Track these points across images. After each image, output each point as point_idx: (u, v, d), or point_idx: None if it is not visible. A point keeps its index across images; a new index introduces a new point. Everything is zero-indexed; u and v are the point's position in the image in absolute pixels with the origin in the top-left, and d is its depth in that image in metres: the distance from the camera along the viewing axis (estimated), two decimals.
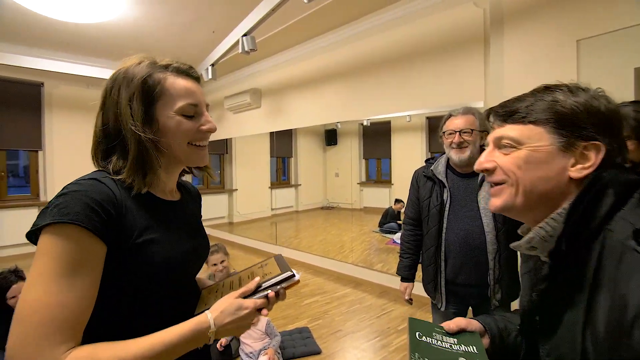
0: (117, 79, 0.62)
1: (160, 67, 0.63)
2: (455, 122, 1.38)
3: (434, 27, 2.71)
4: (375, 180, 5.91)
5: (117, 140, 0.60)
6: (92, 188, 0.54)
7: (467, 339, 0.63)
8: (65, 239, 0.49)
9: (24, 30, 3.46)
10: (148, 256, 0.57)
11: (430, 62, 2.75)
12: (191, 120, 0.63)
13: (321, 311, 2.79)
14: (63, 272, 0.48)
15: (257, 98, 4.56)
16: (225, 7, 3.03)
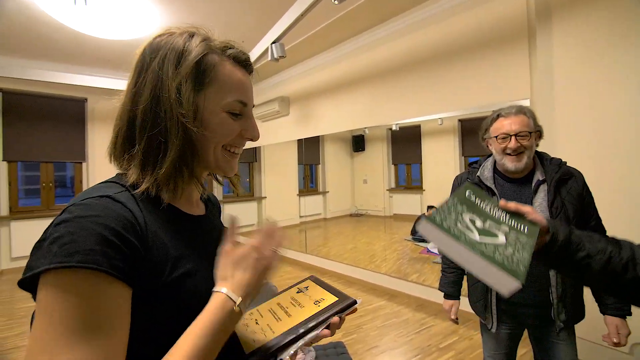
0: (161, 48, 0.48)
1: (217, 48, 0.51)
2: (507, 124, 1.22)
3: (468, 23, 2.56)
4: (405, 187, 5.71)
5: (148, 129, 0.47)
6: (107, 212, 0.40)
7: (521, 220, 0.58)
8: (77, 289, 0.35)
9: (68, 49, 3.70)
10: (185, 292, 0.45)
11: (464, 60, 2.60)
12: (236, 120, 0.52)
13: (355, 324, 2.67)
14: (79, 336, 0.35)
15: (285, 106, 4.57)
16: (255, 17, 3.06)
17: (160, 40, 0.49)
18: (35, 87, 4.35)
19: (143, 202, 0.46)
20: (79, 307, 0.35)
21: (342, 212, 6.54)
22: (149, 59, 0.48)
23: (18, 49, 3.61)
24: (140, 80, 0.48)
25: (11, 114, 4.37)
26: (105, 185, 0.46)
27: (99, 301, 0.37)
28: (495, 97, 2.43)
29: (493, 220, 0.57)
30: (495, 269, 0.48)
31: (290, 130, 4.65)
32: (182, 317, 0.44)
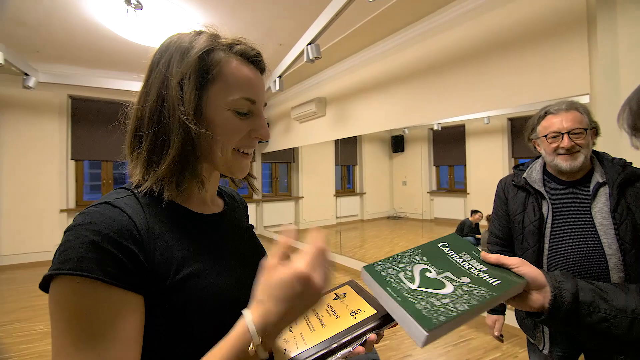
0: (169, 48, 0.48)
1: (223, 44, 0.50)
2: (557, 121, 1.10)
3: (518, 14, 2.36)
4: (447, 189, 5.44)
5: (152, 127, 0.47)
6: (102, 218, 0.40)
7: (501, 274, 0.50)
8: (72, 297, 0.36)
9: (124, 58, 4.04)
10: (193, 293, 0.44)
11: (513, 54, 2.40)
12: (243, 119, 0.50)
13: (388, 331, 2.58)
14: (86, 342, 0.36)
15: (322, 106, 4.59)
16: (292, 20, 3.11)
17: (170, 41, 0.50)
18: (98, 93, 4.83)
19: (148, 205, 0.46)
20: (77, 315, 0.36)
21: (379, 214, 6.41)
22: (157, 59, 0.49)
23: (82, 59, 4.03)
24: (150, 80, 0.49)
25: (78, 117, 4.89)
26: (114, 191, 0.48)
27: (96, 308, 0.37)
28: (550, 93, 2.21)
29: (456, 271, 0.52)
30: (409, 317, 0.43)
31: (327, 131, 4.65)
32: (193, 318, 0.43)
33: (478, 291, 0.47)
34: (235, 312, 0.49)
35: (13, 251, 4.42)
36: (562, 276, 0.52)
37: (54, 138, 4.67)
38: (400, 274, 0.51)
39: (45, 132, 4.62)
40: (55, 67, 4.19)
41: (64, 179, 4.75)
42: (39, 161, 4.58)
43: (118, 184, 5.60)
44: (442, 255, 0.55)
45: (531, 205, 1.16)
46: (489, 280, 0.49)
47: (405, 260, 0.54)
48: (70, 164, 4.84)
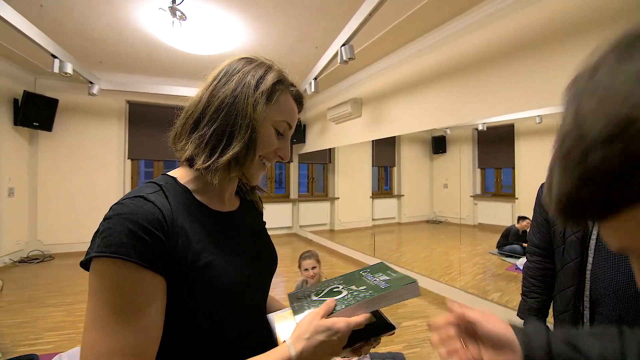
0: (246, 68, 0.58)
1: (286, 81, 0.62)
2: None
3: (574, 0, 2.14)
4: (493, 193, 5.09)
5: (219, 117, 0.54)
6: (137, 209, 0.46)
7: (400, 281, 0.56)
8: (113, 275, 0.43)
9: (173, 66, 4.36)
10: (207, 282, 0.50)
11: (570, 44, 2.17)
12: (278, 138, 0.61)
13: (419, 338, 2.49)
14: (118, 316, 0.42)
15: (358, 107, 4.55)
16: (327, 23, 3.13)
17: (244, 62, 0.59)
18: (151, 98, 5.27)
19: (174, 199, 0.52)
20: (117, 289, 0.43)
21: (418, 217, 6.18)
22: (233, 69, 0.58)
23: (138, 68, 4.42)
24: (223, 81, 0.57)
25: (134, 121, 5.38)
26: (146, 185, 0.54)
27: (131, 285, 0.44)
28: None
29: (360, 284, 0.59)
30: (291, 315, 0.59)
31: (363, 132, 4.60)
32: (206, 304, 0.50)
33: (364, 293, 0.55)
34: (247, 299, 0.57)
35: (78, 240, 4.98)
36: (533, 329, 0.47)
37: (113, 139, 5.19)
38: (312, 293, 0.62)
39: (106, 134, 5.15)
40: (115, 76, 4.66)
41: (122, 177, 5.25)
42: (100, 160, 5.12)
43: None
44: (358, 277, 0.63)
45: None
46: (380, 286, 0.56)
47: (325, 284, 0.64)
48: (127, 163, 5.33)
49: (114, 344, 0.41)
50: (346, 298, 0.55)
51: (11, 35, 2.87)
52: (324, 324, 0.49)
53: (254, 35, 3.39)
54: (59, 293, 3.41)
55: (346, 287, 0.59)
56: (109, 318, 0.42)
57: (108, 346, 0.41)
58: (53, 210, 4.88)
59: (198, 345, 0.50)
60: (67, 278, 3.92)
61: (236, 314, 0.55)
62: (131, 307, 0.43)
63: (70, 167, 4.96)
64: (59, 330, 2.60)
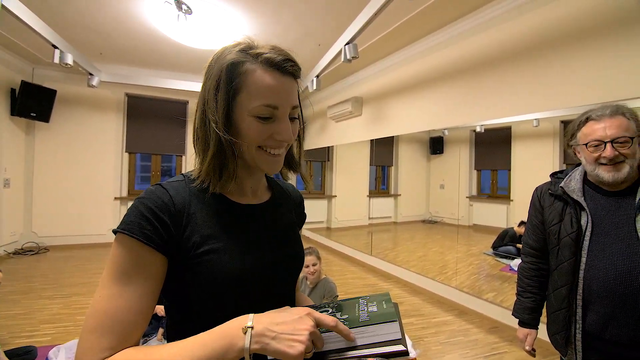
0: (215, 62, 0.54)
1: (252, 55, 0.53)
2: (599, 128, 1.00)
3: (575, 7, 2.18)
4: (489, 195, 5.15)
5: (201, 130, 0.55)
6: (151, 195, 0.51)
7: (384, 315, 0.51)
8: (121, 247, 0.49)
9: (174, 60, 4.34)
10: (207, 267, 0.51)
11: (567, 50, 2.22)
12: (265, 124, 0.53)
13: (416, 336, 2.53)
14: (116, 280, 0.48)
15: (359, 106, 4.57)
16: (331, 20, 3.14)
17: (218, 55, 0.55)
18: (150, 91, 5.24)
19: (196, 191, 0.56)
20: (121, 259, 0.49)
21: (414, 217, 6.22)
22: (208, 72, 0.56)
23: (138, 60, 4.40)
24: (201, 92, 0.57)
25: (133, 113, 5.34)
26: (175, 176, 0.59)
27: (133, 257, 0.49)
28: (607, 94, 2.02)
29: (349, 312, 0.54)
30: None
31: (363, 131, 4.63)
32: (210, 287, 0.52)
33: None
34: (255, 293, 0.56)
35: (74, 232, 4.94)
36: None
37: (111, 132, 5.15)
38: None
39: (104, 126, 5.11)
40: (115, 68, 4.62)
41: (119, 170, 5.22)
42: (98, 152, 5.08)
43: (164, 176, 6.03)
44: (353, 303, 0.57)
45: (569, 216, 1.08)
46: (362, 317, 0.51)
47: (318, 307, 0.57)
48: (124, 156, 5.30)
49: (105, 306, 0.46)
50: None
51: (10, 24, 2.83)
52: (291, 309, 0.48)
53: (258, 30, 3.38)
54: (55, 285, 3.39)
55: (334, 312, 0.55)
56: (110, 282, 0.48)
57: (101, 306, 0.46)
58: (49, 202, 4.83)
59: (197, 326, 0.48)
60: (63, 270, 3.89)
61: (238, 302, 0.53)
62: (129, 277, 0.48)
63: (66, 158, 4.91)
64: (56, 323, 2.60)
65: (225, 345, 0.43)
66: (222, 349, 0.43)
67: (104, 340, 0.45)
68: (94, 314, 0.46)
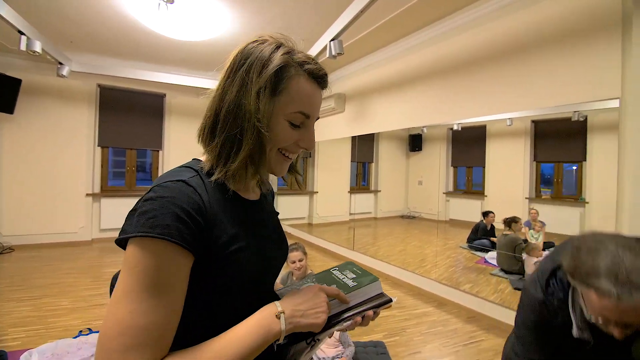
0: (251, 57, 0.54)
1: (296, 61, 0.55)
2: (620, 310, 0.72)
3: (548, 13, 2.31)
4: (464, 191, 5.35)
5: (227, 127, 0.54)
6: (181, 195, 0.48)
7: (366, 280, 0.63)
8: (154, 255, 0.44)
9: (152, 50, 4.17)
10: (237, 265, 0.52)
11: (540, 54, 2.35)
12: (295, 130, 0.57)
13: (398, 327, 2.61)
14: (151, 292, 0.44)
15: (342, 102, 4.60)
16: (316, 16, 3.13)
17: (252, 47, 0.55)
18: (125, 83, 5.01)
19: (211, 188, 0.54)
20: (155, 268, 0.44)
21: (393, 212, 6.36)
22: (239, 63, 0.55)
23: (112, 50, 4.18)
24: (229, 81, 0.55)
25: (106, 106, 5.09)
26: (182, 169, 0.55)
27: (170, 264, 0.45)
28: (577, 96, 2.15)
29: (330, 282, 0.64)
30: None
31: (345, 127, 4.66)
32: (237, 284, 0.53)
33: None
34: (258, 288, 0.60)
35: (42, 231, 4.67)
36: None
37: (82, 125, 4.88)
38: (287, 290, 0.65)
39: (75, 118, 4.83)
40: (86, 57, 4.37)
41: (91, 165, 4.97)
42: (68, 146, 4.81)
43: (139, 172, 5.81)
44: (329, 275, 0.67)
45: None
46: (349, 284, 0.62)
47: (299, 284, 0.67)
48: (97, 150, 5.05)
49: (142, 321, 0.42)
50: None
51: None
52: (308, 288, 0.56)
53: (240, 23, 3.31)
54: (23, 286, 3.20)
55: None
56: (142, 294, 0.43)
57: (136, 321, 0.42)
58: (14, 199, 4.52)
59: (219, 321, 0.52)
60: (31, 271, 3.68)
61: (256, 294, 0.58)
62: (166, 287, 0.45)
63: (34, 153, 4.61)
64: (26, 326, 2.46)
65: (264, 332, 0.48)
66: (261, 336, 0.48)
67: (146, 355, 0.42)
68: (128, 332, 0.42)
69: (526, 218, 3.46)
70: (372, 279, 0.62)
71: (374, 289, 0.61)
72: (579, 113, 2.71)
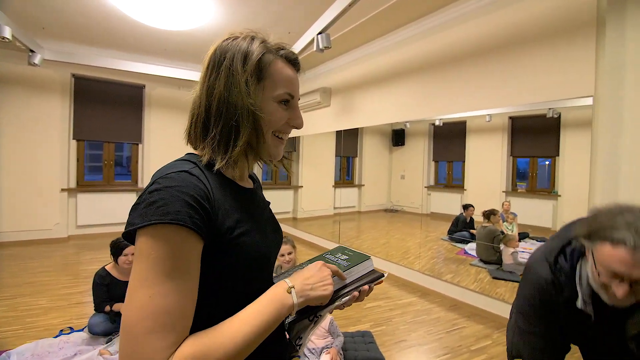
0: (229, 51, 0.57)
1: (272, 48, 0.60)
2: (625, 261, 0.77)
3: (526, 13, 2.40)
4: (445, 185, 5.50)
5: (222, 117, 0.56)
6: (186, 183, 0.50)
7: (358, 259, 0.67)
8: (168, 240, 0.46)
9: (131, 39, 4.01)
10: (243, 249, 0.55)
11: (518, 53, 2.44)
12: (285, 110, 0.61)
13: (384, 317, 2.68)
14: (168, 276, 0.45)
15: (327, 97, 4.60)
16: (302, 9, 3.10)
17: (228, 43, 0.59)
18: (101, 73, 4.79)
19: (211, 177, 0.56)
20: (170, 253, 0.46)
21: (376, 206, 6.46)
22: (220, 58, 0.58)
23: (89, 38, 3.99)
24: (214, 76, 0.57)
25: (81, 97, 4.86)
26: (180, 162, 0.56)
27: (184, 248, 0.47)
28: (553, 93, 2.26)
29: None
30: None
31: (331, 122, 4.68)
32: (244, 266, 0.56)
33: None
34: (269, 268, 0.64)
35: (14, 228, 4.44)
36: None
37: (56, 117, 4.65)
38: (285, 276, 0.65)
39: (48, 110, 4.59)
40: (60, 45, 4.15)
41: (66, 159, 4.75)
42: (41, 140, 4.57)
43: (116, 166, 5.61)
44: (322, 259, 0.69)
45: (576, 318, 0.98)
46: (343, 264, 0.65)
47: (294, 270, 0.68)
48: (72, 143, 4.83)
49: (163, 303, 0.44)
50: None
51: None
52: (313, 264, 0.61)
53: (224, 14, 3.24)
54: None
55: None
56: (161, 279, 0.45)
57: (157, 304, 0.44)
58: None
59: (228, 304, 0.54)
60: (3, 270, 3.51)
61: (261, 276, 0.62)
62: (182, 270, 0.46)
63: (4, 147, 4.35)
64: (2, 327, 2.35)
65: (278, 307, 0.52)
66: (276, 311, 0.52)
67: (170, 337, 0.44)
68: (150, 315, 0.43)
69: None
70: (364, 257, 0.67)
71: (366, 266, 0.66)
72: (554, 110, 2.85)
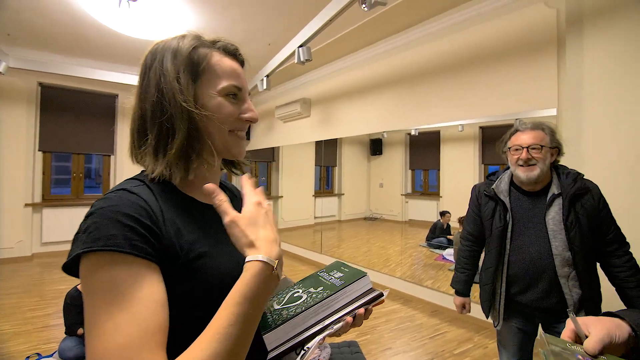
0: (158, 51, 0.55)
1: (206, 42, 0.57)
2: (522, 137, 1.30)
3: (495, 31, 2.57)
4: (421, 192, 5.66)
5: (157, 120, 0.52)
6: (122, 201, 0.45)
7: (352, 275, 0.58)
8: (104, 269, 0.40)
9: (104, 48, 3.89)
10: (201, 273, 0.49)
11: (489, 68, 2.60)
12: (233, 103, 0.56)
13: (369, 326, 2.69)
14: (115, 308, 0.39)
15: (307, 107, 4.65)
16: (281, 20, 3.15)
17: (158, 46, 0.56)
18: (71, 82, 4.59)
19: (160, 194, 0.51)
20: (110, 282, 0.40)
21: (356, 215, 6.53)
22: (150, 61, 0.55)
23: (57, 46, 3.83)
24: (146, 80, 0.54)
25: (48, 106, 4.62)
26: (126, 181, 0.52)
27: (125, 277, 0.41)
28: (520, 105, 2.42)
29: (318, 284, 0.60)
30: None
31: (310, 132, 4.72)
32: (202, 294, 0.48)
33: (322, 294, 0.56)
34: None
35: None
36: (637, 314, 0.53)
37: (21, 127, 4.38)
38: (274, 302, 0.59)
39: (12, 120, 4.32)
40: (26, 52, 3.95)
41: (30, 172, 4.47)
42: (4, 152, 4.28)
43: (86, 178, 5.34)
44: (315, 278, 0.63)
45: (498, 214, 1.36)
46: (336, 283, 0.58)
47: (285, 292, 0.62)
48: (37, 155, 4.56)
49: (119, 337, 0.38)
50: (306, 301, 0.55)
51: None
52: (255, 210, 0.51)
53: (203, 23, 3.23)
54: None
55: (305, 291, 0.59)
56: (108, 313, 0.39)
57: (114, 340, 0.38)
58: None
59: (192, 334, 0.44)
60: None
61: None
62: (129, 297, 0.40)
63: None
64: None
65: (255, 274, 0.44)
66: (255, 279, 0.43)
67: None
68: (114, 353, 0.37)
69: None
70: (359, 274, 0.58)
71: (362, 284, 0.57)
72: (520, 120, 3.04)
